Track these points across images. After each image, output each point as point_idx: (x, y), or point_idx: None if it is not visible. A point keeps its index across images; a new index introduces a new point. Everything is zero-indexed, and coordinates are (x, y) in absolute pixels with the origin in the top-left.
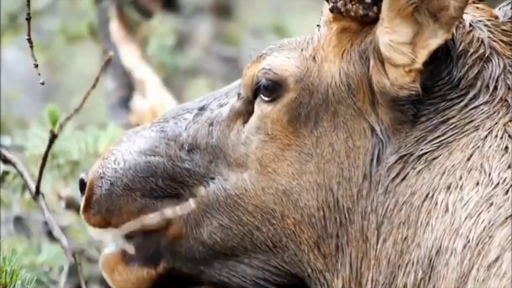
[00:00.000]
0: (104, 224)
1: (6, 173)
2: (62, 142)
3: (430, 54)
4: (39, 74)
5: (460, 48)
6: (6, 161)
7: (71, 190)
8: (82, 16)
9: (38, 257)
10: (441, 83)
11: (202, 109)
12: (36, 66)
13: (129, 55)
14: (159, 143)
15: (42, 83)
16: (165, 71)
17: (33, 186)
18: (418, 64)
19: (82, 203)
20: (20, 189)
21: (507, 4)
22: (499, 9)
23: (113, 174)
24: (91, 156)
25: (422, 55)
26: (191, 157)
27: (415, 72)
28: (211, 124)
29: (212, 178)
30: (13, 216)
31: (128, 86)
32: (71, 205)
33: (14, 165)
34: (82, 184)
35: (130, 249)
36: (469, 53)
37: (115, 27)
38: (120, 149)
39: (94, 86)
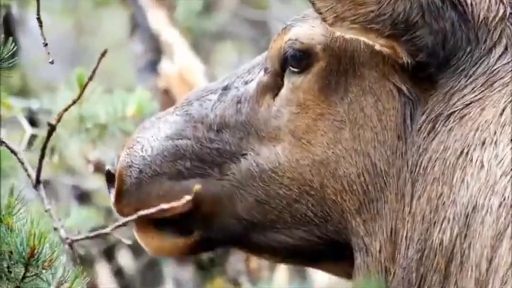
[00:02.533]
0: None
1: (34, 136)
2: (90, 105)
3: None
4: (48, 53)
5: (481, 18)
6: (34, 124)
7: (99, 153)
8: None
9: (67, 221)
10: (461, 54)
11: (226, 88)
12: (46, 45)
13: (157, 18)
14: (185, 127)
15: (51, 62)
16: (193, 35)
17: (33, 175)
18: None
19: (112, 195)
20: (49, 153)
21: None
22: None
23: (142, 162)
24: (119, 120)
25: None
26: (221, 136)
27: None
28: (238, 102)
29: (244, 155)
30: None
31: (156, 49)
32: (99, 168)
33: (15, 153)
34: (110, 176)
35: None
36: (490, 19)
37: None
38: (146, 136)
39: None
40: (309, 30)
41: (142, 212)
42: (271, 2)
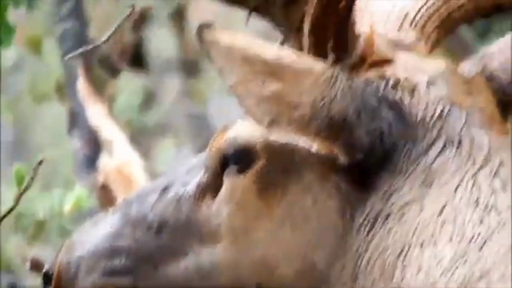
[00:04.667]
0: None
1: None
2: (28, 203)
3: None
4: None
5: (419, 118)
6: None
7: (37, 251)
8: (50, 74)
9: None
10: (399, 152)
11: (165, 189)
12: None
13: (96, 114)
14: (124, 227)
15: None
16: (132, 129)
17: None
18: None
19: None
20: None
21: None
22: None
23: (79, 261)
24: (57, 216)
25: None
26: (160, 236)
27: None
28: (178, 202)
29: (184, 255)
30: None
31: (95, 145)
32: (36, 266)
33: None
34: (47, 277)
35: None
36: (428, 118)
37: (82, 86)
38: (84, 237)
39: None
40: (249, 128)
41: None
42: (210, 96)
